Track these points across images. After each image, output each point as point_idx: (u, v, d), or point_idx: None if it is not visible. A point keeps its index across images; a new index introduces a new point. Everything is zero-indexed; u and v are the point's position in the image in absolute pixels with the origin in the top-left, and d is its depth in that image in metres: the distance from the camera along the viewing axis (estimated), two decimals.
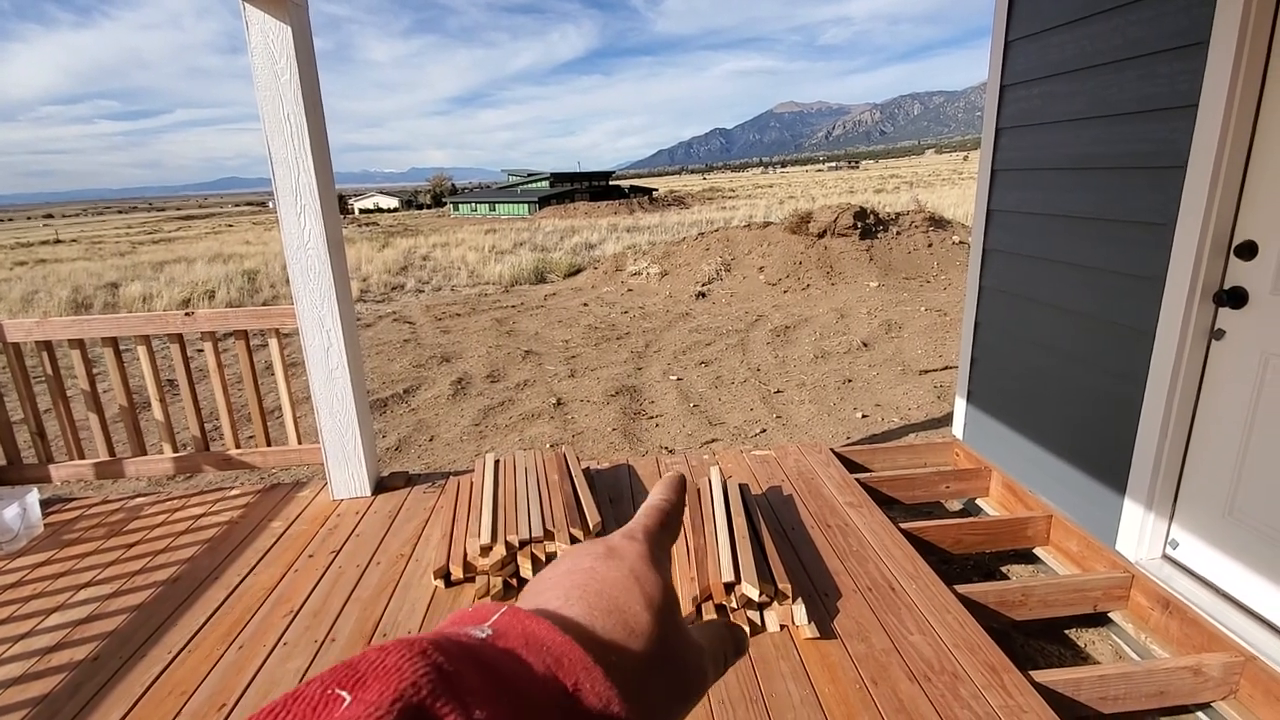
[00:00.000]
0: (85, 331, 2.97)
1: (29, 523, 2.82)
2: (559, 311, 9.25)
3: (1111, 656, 2.41)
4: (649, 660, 0.26)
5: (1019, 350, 3.04)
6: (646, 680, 0.25)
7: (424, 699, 0.18)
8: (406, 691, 0.18)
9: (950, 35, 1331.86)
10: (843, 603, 2.20)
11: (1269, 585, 2.07)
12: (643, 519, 0.33)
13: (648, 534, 0.31)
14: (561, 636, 0.23)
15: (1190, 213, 2.13)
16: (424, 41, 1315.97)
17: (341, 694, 0.18)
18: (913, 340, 6.80)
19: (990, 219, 3.19)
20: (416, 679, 0.19)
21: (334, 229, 2.79)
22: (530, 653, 0.22)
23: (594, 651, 0.24)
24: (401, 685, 0.18)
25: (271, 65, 2.53)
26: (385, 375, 6.45)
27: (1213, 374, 2.20)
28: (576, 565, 0.29)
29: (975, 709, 1.76)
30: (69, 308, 11.38)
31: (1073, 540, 2.69)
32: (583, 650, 0.23)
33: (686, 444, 4.58)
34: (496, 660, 0.21)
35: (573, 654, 0.23)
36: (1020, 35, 2.88)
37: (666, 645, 0.27)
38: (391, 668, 0.19)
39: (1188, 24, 2.12)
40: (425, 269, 14.23)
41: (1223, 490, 2.19)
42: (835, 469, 3.19)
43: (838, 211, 10.84)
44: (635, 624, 0.26)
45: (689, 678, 0.28)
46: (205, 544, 2.72)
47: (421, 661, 0.19)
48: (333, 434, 2.97)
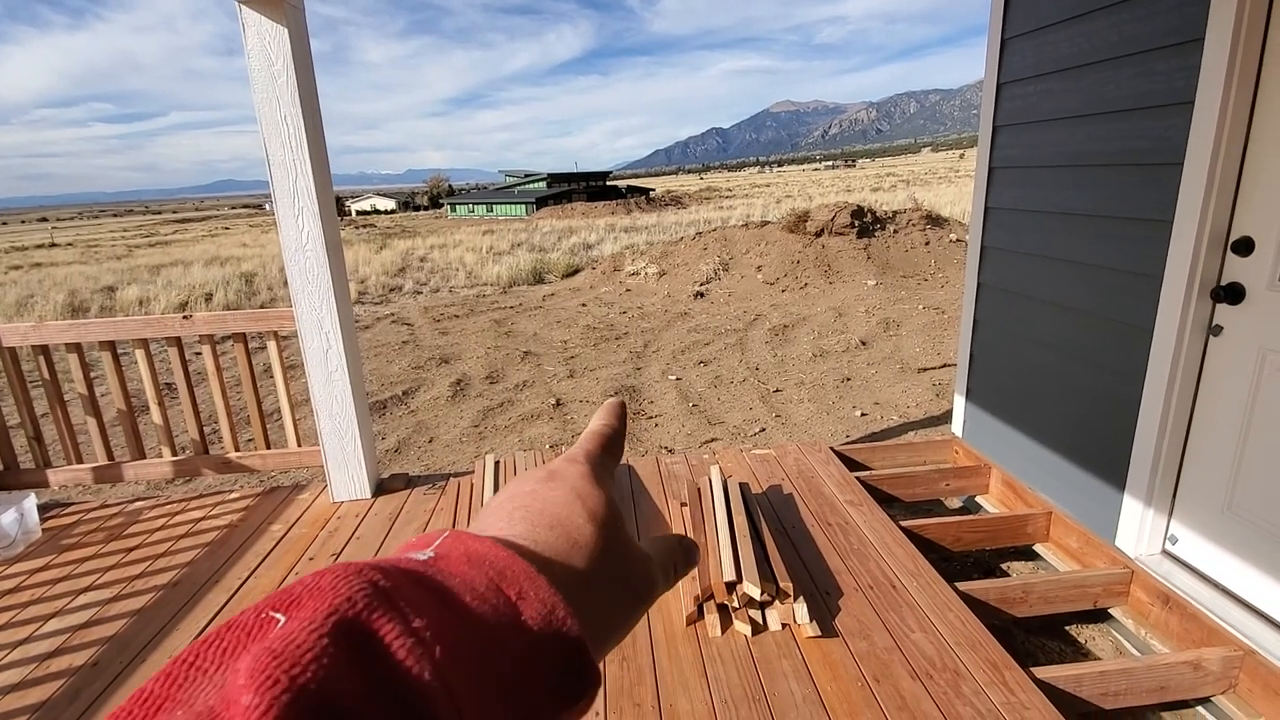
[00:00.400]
0: (82, 335, 2.97)
1: (27, 528, 2.81)
2: (557, 312, 9.24)
3: (1112, 652, 2.42)
4: (593, 569, 0.27)
5: (1018, 347, 3.05)
6: (592, 588, 0.26)
7: (359, 612, 0.18)
8: (341, 605, 0.18)
9: (946, 34, 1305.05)
10: (844, 601, 2.20)
11: (1267, 579, 2.07)
12: (584, 443, 0.33)
13: (589, 456, 0.32)
14: (504, 551, 0.24)
15: (1187, 209, 2.14)
16: (420, 43, 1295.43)
17: (276, 616, 0.18)
18: (911, 338, 6.81)
19: (988, 216, 3.19)
20: (352, 594, 0.19)
21: (332, 231, 2.78)
22: (473, 568, 0.22)
23: (536, 563, 0.24)
24: (336, 600, 0.18)
25: (268, 67, 2.52)
26: (384, 377, 6.44)
27: (1211, 370, 2.21)
28: (519, 489, 0.29)
29: (977, 706, 1.76)
30: (65, 312, 11.35)
31: (1073, 537, 2.69)
32: (525, 562, 0.23)
33: (686, 444, 4.58)
34: (438, 577, 0.21)
35: (515, 566, 0.23)
36: (1016, 33, 2.89)
37: (611, 554, 0.28)
38: (327, 587, 0.19)
39: (1183, 21, 2.12)
40: (423, 270, 14.22)
41: (1221, 485, 2.19)
42: (835, 467, 3.19)
43: (835, 210, 10.85)
44: (578, 536, 0.27)
45: (636, 585, 0.29)
46: (205, 547, 2.72)
47: (358, 579, 0.19)
48: (332, 436, 2.97)
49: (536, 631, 0.22)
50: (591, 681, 0.23)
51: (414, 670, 0.18)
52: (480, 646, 0.20)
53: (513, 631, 0.21)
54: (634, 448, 4.57)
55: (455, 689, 0.18)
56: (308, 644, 0.17)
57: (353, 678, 0.17)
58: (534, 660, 0.21)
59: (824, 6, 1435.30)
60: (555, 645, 0.22)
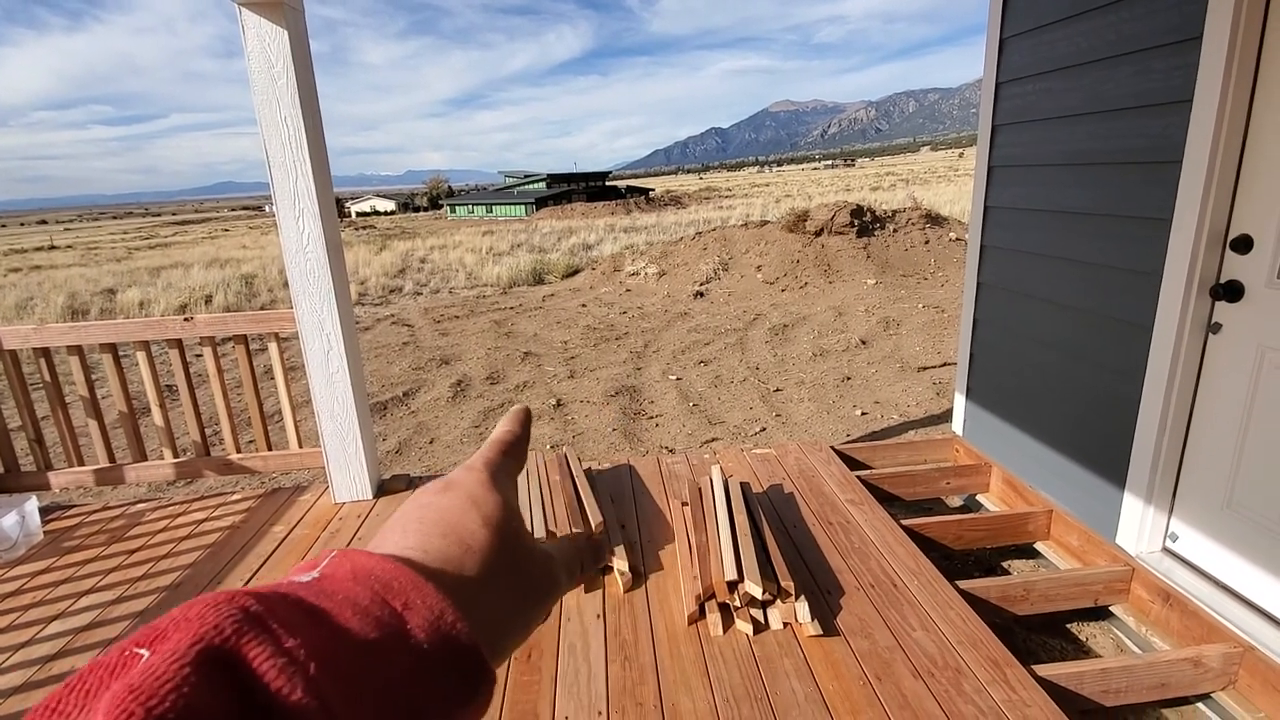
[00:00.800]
0: (84, 338, 2.97)
1: (28, 530, 2.81)
2: (557, 312, 9.24)
3: (1113, 650, 2.42)
4: (489, 571, 0.27)
5: (1018, 346, 3.05)
6: (487, 589, 0.27)
7: (227, 638, 0.18)
8: (207, 634, 0.18)
9: (945, 33, 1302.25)
10: (845, 600, 2.20)
11: (1266, 576, 2.08)
12: (483, 451, 0.34)
13: (487, 463, 0.33)
14: (391, 564, 0.24)
15: (1186, 207, 2.14)
16: (419, 44, 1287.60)
17: (140, 652, 0.18)
18: (911, 337, 6.82)
19: (988, 215, 3.20)
20: (219, 621, 0.19)
21: (332, 232, 2.79)
22: (358, 584, 0.23)
23: (426, 572, 0.25)
24: (202, 629, 0.18)
25: (268, 70, 2.53)
26: (384, 378, 6.44)
27: (1210, 367, 2.22)
28: (415, 503, 0.30)
29: (979, 704, 1.76)
30: (65, 314, 11.35)
31: (1073, 535, 2.70)
32: (412, 571, 0.24)
33: (687, 443, 4.59)
34: (315, 597, 0.22)
35: (401, 576, 0.24)
36: (1015, 32, 2.89)
37: (508, 556, 0.29)
38: (194, 618, 0.19)
39: (1181, 19, 2.13)
40: (423, 271, 14.23)
41: (1221, 483, 2.20)
42: (836, 467, 3.19)
43: (834, 210, 10.85)
44: (472, 541, 0.28)
45: (536, 583, 0.30)
46: (207, 549, 2.72)
47: (227, 607, 0.19)
48: (333, 437, 2.97)
49: (424, 637, 0.23)
50: (485, 680, 0.24)
51: (284, 690, 0.18)
52: (361, 658, 0.21)
53: (398, 640, 0.22)
54: (635, 447, 4.58)
55: (332, 703, 0.19)
56: (167, 675, 0.17)
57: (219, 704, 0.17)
58: (423, 665, 0.22)
59: (823, 6, 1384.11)
60: (446, 648, 0.23)
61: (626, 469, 3.26)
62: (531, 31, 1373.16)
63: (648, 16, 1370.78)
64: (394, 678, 0.21)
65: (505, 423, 0.36)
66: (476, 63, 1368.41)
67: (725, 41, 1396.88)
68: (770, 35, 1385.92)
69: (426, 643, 0.23)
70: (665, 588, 2.29)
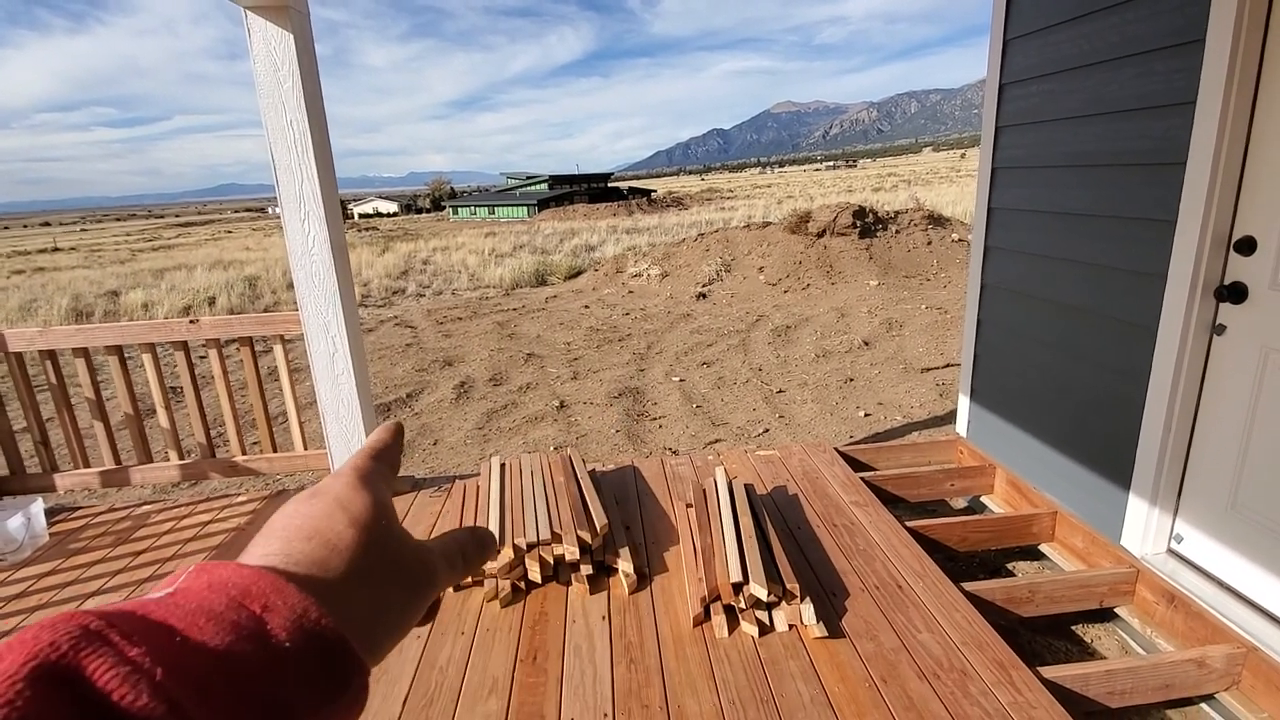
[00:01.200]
0: (89, 340, 2.98)
1: (34, 532, 2.82)
2: (560, 314, 9.25)
3: (1118, 651, 2.42)
4: (357, 568, 0.28)
5: (1021, 347, 3.05)
6: (358, 585, 0.28)
7: (64, 654, 0.19)
8: (42, 652, 0.18)
9: (947, 33, 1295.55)
10: (850, 602, 2.21)
11: (1270, 577, 2.08)
12: (351, 459, 0.35)
13: (354, 468, 0.33)
14: (249, 570, 0.25)
15: (1190, 209, 2.14)
16: (422, 46, 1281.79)
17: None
18: (914, 338, 6.81)
19: (991, 217, 3.20)
20: (55, 639, 0.19)
21: (338, 235, 2.80)
22: (214, 593, 0.23)
23: (287, 574, 0.25)
24: (38, 648, 0.18)
25: (274, 72, 2.54)
26: (388, 380, 6.45)
27: (1214, 369, 2.22)
28: (282, 513, 0.31)
29: (985, 706, 1.76)
30: (69, 316, 11.38)
31: (1078, 536, 2.70)
32: (273, 575, 0.25)
33: (690, 445, 4.59)
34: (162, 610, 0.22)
35: (261, 581, 0.24)
36: (1019, 33, 2.90)
37: (378, 551, 0.29)
38: (29, 639, 0.19)
39: (1184, 22, 2.13)
40: (426, 273, 14.24)
41: (1226, 484, 2.20)
42: (840, 468, 3.19)
43: (836, 211, 10.85)
44: (338, 541, 0.28)
45: (413, 576, 0.31)
46: (213, 551, 2.73)
47: (65, 625, 0.19)
48: (338, 439, 2.98)
49: (285, 636, 0.23)
50: (355, 671, 0.25)
51: (129, 697, 0.18)
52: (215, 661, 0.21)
53: (257, 640, 0.22)
54: (638, 449, 4.58)
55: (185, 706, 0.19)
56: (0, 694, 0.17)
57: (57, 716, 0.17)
58: (284, 662, 0.23)
59: (824, 7, 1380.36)
60: (312, 645, 0.24)
61: (631, 470, 3.26)
62: (533, 34, 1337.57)
63: (649, 18, 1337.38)
64: (253, 674, 0.22)
65: (377, 433, 0.37)
66: (478, 65, 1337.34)
67: (727, 42, 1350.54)
68: (772, 36, 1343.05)
69: (289, 641, 0.23)
70: (670, 589, 2.30)
